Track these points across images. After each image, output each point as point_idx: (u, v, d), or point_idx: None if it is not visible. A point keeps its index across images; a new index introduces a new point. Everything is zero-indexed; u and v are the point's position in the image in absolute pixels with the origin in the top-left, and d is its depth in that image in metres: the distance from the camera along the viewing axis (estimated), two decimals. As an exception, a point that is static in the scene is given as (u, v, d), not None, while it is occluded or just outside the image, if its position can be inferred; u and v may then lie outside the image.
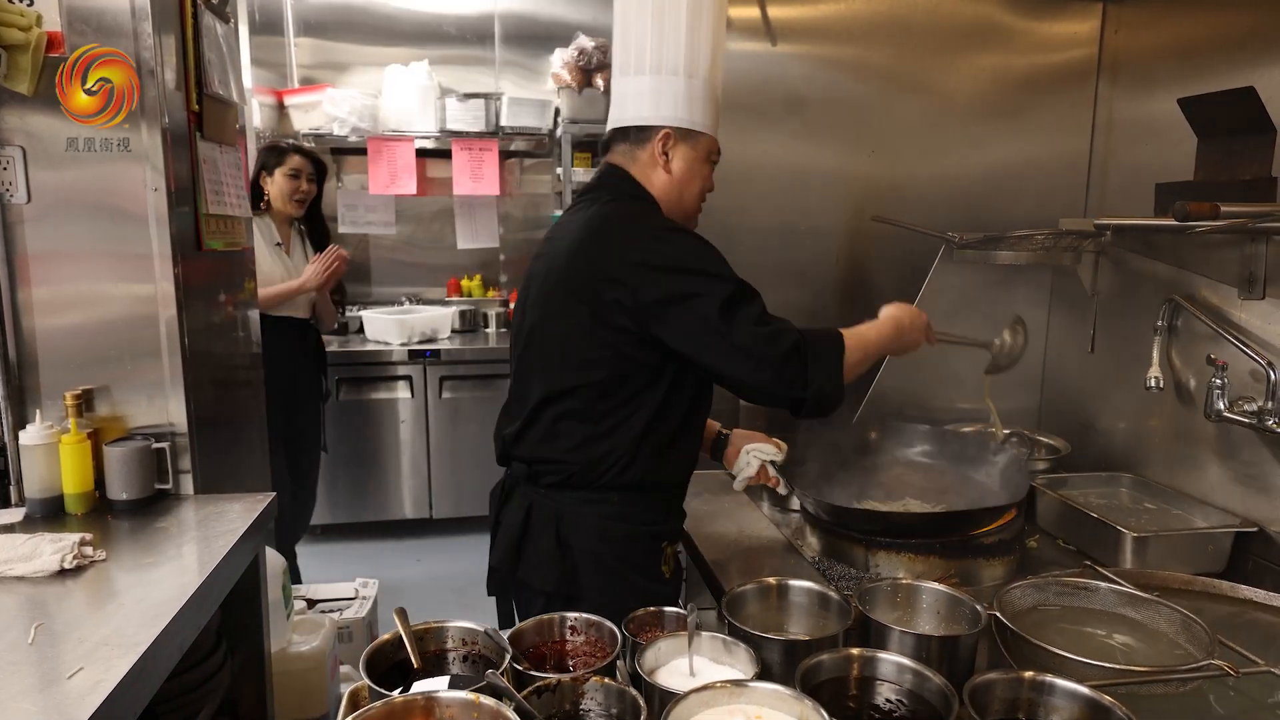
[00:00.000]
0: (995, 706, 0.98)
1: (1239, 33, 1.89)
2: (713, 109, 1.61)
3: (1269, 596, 1.40)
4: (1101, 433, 2.13)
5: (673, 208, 1.62)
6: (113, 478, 1.72)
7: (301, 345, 3.41)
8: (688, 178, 1.61)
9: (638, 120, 1.59)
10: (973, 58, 2.39)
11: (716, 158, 1.66)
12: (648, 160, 1.60)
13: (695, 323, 1.44)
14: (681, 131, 1.58)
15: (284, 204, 3.29)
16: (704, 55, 1.57)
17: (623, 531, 1.55)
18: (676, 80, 1.56)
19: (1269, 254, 1.66)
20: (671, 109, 1.57)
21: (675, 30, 1.55)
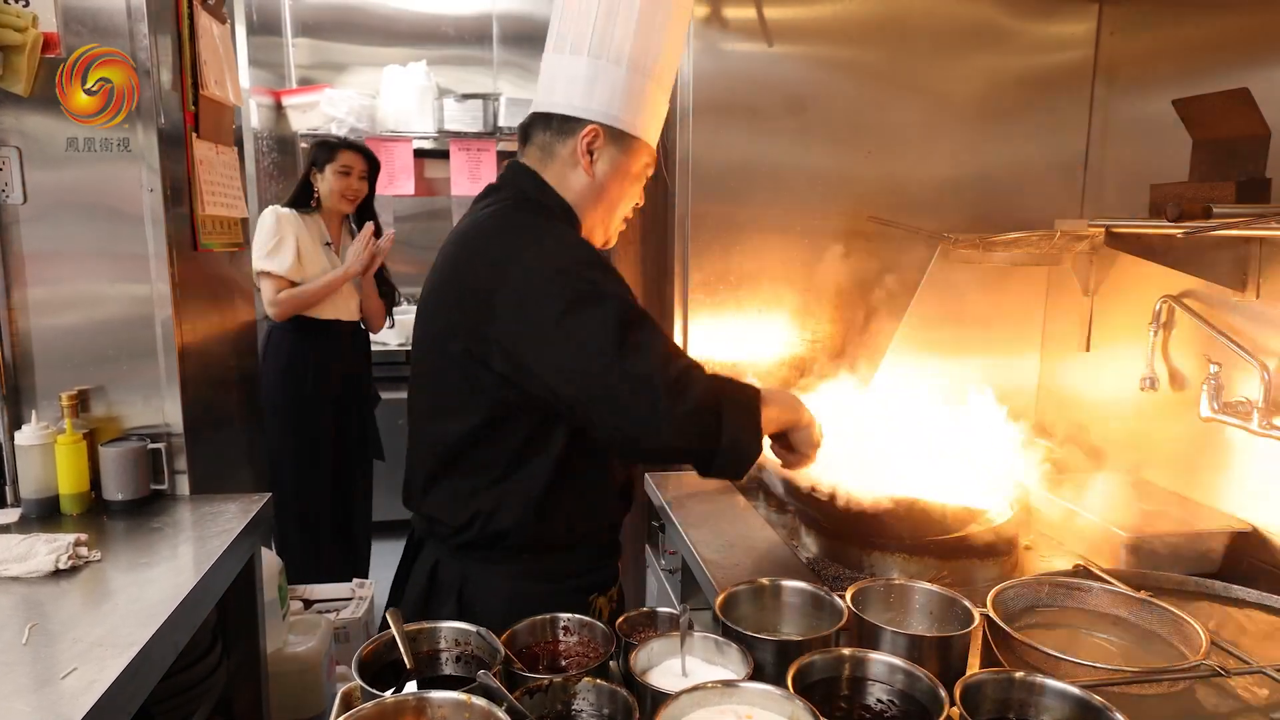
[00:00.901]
0: (986, 706, 0.98)
1: (1234, 34, 1.89)
2: (654, 114, 1.39)
3: (1262, 597, 1.40)
4: (1096, 433, 2.13)
5: (589, 216, 1.40)
6: (108, 478, 1.73)
7: (353, 350, 3.25)
8: (611, 187, 1.38)
9: (566, 108, 1.35)
10: (969, 58, 2.39)
11: (649, 173, 1.44)
12: (567, 157, 1.36)
13: (575, 349, 1.20)
14: (614, 132, 1.35)
15: (335, 202, 3.12)
16: (655, 51, 1.34)
17: (539, 591, 1.34)
18: (618, 71, 1.32)
19: (1262, 254, 1.67)
20: (606, 103, 1.33)
21: (628, 12, 1.31)
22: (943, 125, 2.40)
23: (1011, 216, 2.31)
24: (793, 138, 2.34)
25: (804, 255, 2.39)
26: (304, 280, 3.02)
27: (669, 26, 1.35)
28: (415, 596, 1.42)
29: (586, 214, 1.41)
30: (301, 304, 3.01)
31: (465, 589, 1.38)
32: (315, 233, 3.12)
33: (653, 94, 1.37)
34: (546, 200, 1.38)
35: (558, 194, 1.39)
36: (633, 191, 1.44)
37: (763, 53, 2.31)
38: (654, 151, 1.43)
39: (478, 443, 1.32)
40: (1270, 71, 1.72)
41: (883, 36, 2.35)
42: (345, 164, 3.11)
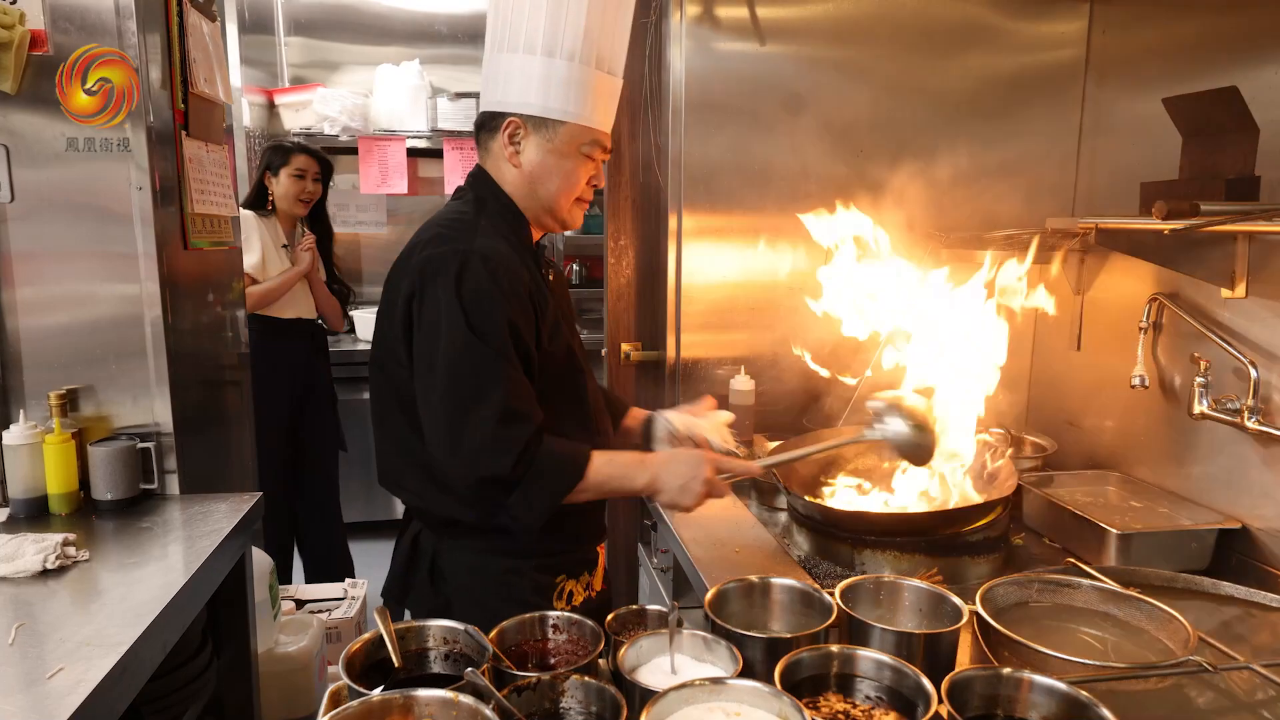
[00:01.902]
0: (974, 702, 0.98)
1: (1223, 33, 1.90)
2: (585, 94, 1.40)
3: (1250, 593, 1.41)
4: (1087, 430, 2.14)
5: (530, 206, 1.47)
6: (97, 478, 1.72)
7: (314, 347, 3.38)
8: (541, 173, 1.43)
9: (490, 105, 1.43)
10: (961, 58, 2.40)
11: (596, 151, 1.45)
12: (498, 151, 1.44)
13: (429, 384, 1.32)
14: (534, 120, 1.40)
15: (290, 204, 3.21)
16: (571, 30, 1.36)
17: (502, 566, 1.43)
18: (533, 61, 1.37)
19: (1251, 252, 1.67)
20: (519, 93, 1.39)
21: (537, 3, 1.35)
22: (935, 124, 2.40)
23: (1004, 215, 2.32)
24: (785, 136, 2.34)
25: (795, 253, 2.39)
26: (261, 280, 3.12)
27: (585, 6, 1.37)
28: (399, 567, 1.53)
29: (527, 204, 1.47)
30: (263, 300, 3.08)
31: (437, 560, 1.47)
32: (273, 234, 3.21)
33: (573, 75, 1.38)
34: (497, 201, 1.45)
35: (506, 195, 1.46)
36: (574, 173, 1.45)
37: (755, 52, 2.31)
38: (593, 131, 1.44)
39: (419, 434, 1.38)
40: (1258, 70, 1.72)
41: (875, 36, 2.35)
42: (299, 167, 3.19)
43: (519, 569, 1.44)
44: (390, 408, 1.45)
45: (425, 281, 1.34)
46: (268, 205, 3.22)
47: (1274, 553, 1.62)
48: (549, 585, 1.48)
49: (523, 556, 1.44)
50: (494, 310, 1.32)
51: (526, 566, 1.45)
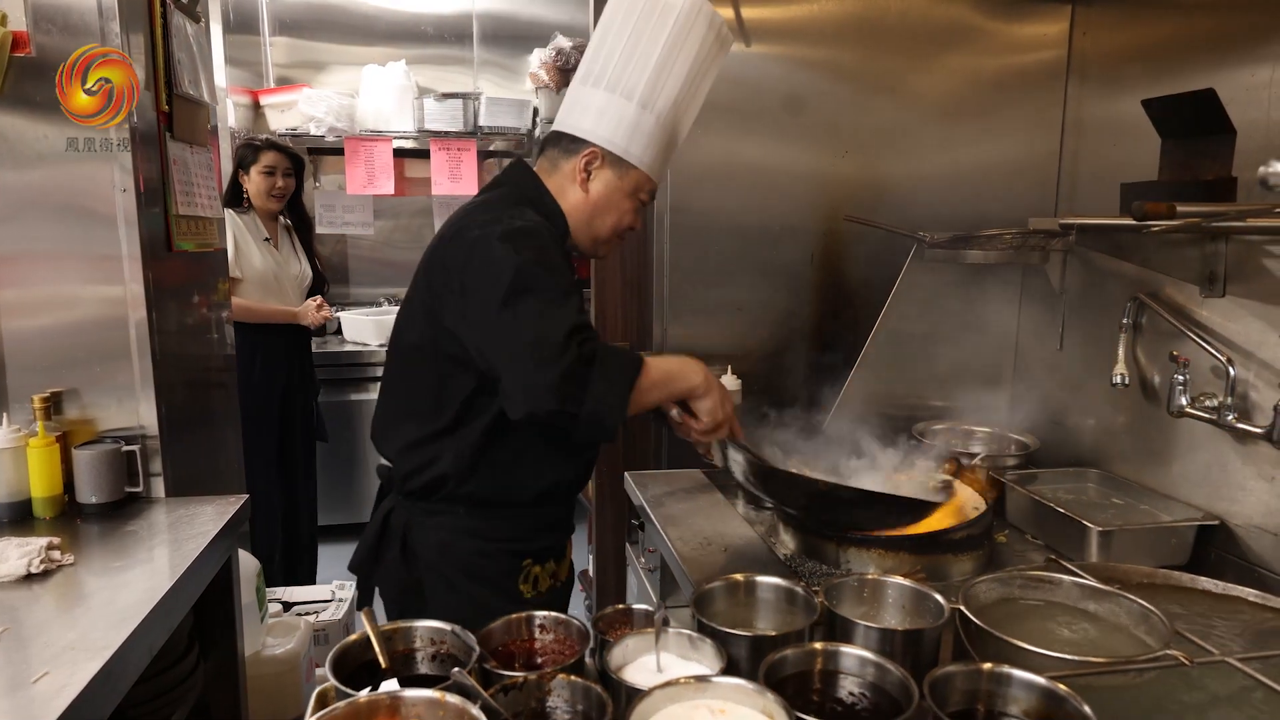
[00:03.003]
0: (955, 698, 0.99)
1: (1201, 35, 1.92)
2: (659, 149, 1.54)
3: (1227, 588, 1.43)
4: (1070, 429, 2.16)
5: (580, 230, 1.57)
6: (82, 481, 1.71)
7: (296, 342, 3.46)
8: (604, 205, 1.55)
9: (575, 130, 1.54)
10: (944, 59, 2.42)
11: (646, 198, 1.59)
12: (569, 172, 1.54)
13: (478, 303, 1.37)
14: (612, 157, 1.52)
15: (263, 201, 3.33)
16: (669, 92, 1.50)
17: (470, 546, 1.50)
18: (628, 105, 1.49)
19: (1229, 253, 1.70)
20: (611, 130, 1.51)
21: (646, 56, 1.48)
22: (919, 125, 2.42)
23: (987, 215, 2.34)
24: (770, 137, 2.35)
25: (782, 254, 2.41)
26: (242, 277, 3.20)
27: (687, 72, 1.51)
28: (369, 540, 1.59)
29: (579, 227, 1.57)
30: (244, 316, 3.15)
31: (409, 535, 1.53)
32: (254, 231, 3.31)
33: (657, 130, 1.52)
34: (540, 198, 1.54)
35: (553, 197, 1.55)
36: (625, 212, 1.58)
37: (740, 53, 2.32)
38: (653, 182, 1.57)
39: (430, 394, 1.48)
40: (1235, 72, 1.75)
41: (859, 37, 2.37)
42: (269, 164, 3.29)
43: (487, 550, 1.51)
44: (397, 374, 1.56)
45: (476, 248, 1.40)
46: (244, 203, 3.32)
47: (1251, 548, 1.65)
48: (516, 568, 1.54)
49: (491, 539, 1.51)
50: (547, 254, 1.40)
51: (494, 548, 1.51)
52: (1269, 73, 1.67)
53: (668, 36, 1.48)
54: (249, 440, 2.97)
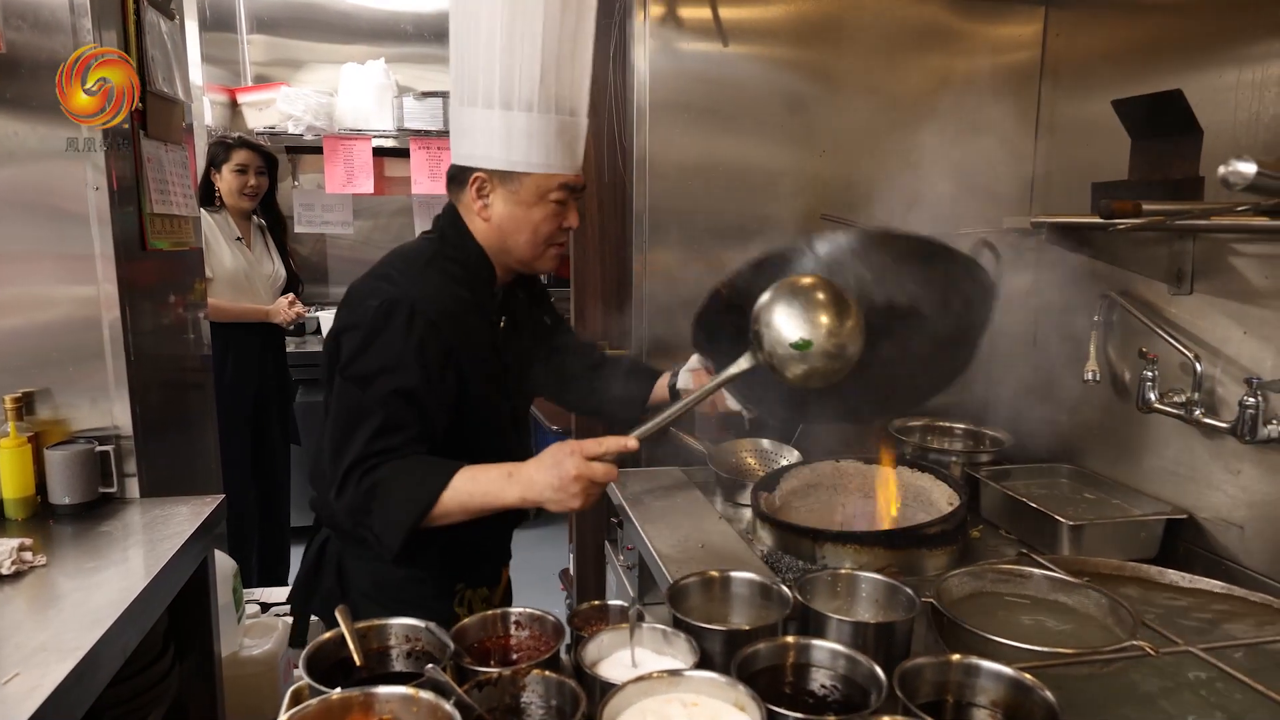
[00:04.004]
0: (925, 689, 1.01)
1: (1170, 38, 1.95)
2: (548, 141, 1.42)
3: (1194, 580, 1.45)
4: (1043, 425, 2.18)
5: (502, 256, 1.52)
6: (54, 482, 1.70)
7: (270, 342, 3.45)
8: (510, 225, 1.47)
9: (458, 159, 1.47)
10: (921, 59, 2.44)
11: (563, 195, 1.47)
12: (469, 204, 1.49)
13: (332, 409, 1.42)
14: (499, 174, 1.44)
15: (235, 199, 3.31)
16: (525, 81, 1.38)
17: (403, 575, 1.50)
18: (491, 115, 1.39)
19: (1196, 251, 1.73)
20: (485, 148, 1.42)
21: (487, 53, 1.37)
22: (895, 124, 2.44)
23: (962, 214, 2.36)
24: (748, 137, 2.36)
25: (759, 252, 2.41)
26: (213, 276, 3.18)
27: (539, 55, 1.37)
28: (306, 571, 1.62)
29: (497, 255, 1.52)
30: (215, 315, 3.13)
31: (343, 566, 1.54)
32: (225, 230, 3.29)
33: (536, 125, 1.40)
34: (462, 244, 1.51)
35: (474, 239, 1.51)
36: (541, 221, 1.47)
37: (718, 53, 2.33)
38: (558, 177, 1.45)
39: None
40: (1204, 74, 1.78)
41: (836, 37, 2.38)
42: (240, 162, 3.28)
43: (418, 577, 1.51)
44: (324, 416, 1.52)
45: (354, 325, 1.41)
46: (215, 201, 3.30)
47: (1218, 541, 1.68)
48: (449, 592, 1.56)
49: (424, 567, 1.51)
50: (393, 358, 1.37)
51: (426, 575, 1.52)
52: (1235, 74, 1.70)
53: (500, 24, 1.35)
54: (223, 441, 2.96)
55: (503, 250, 1.51)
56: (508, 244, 1.50)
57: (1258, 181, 1.10)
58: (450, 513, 1.36)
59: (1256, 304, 1.61)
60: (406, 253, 1.53)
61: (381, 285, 1.44)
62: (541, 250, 1.52)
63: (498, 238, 1.49)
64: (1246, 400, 1.52)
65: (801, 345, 1.24)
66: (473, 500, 1.36)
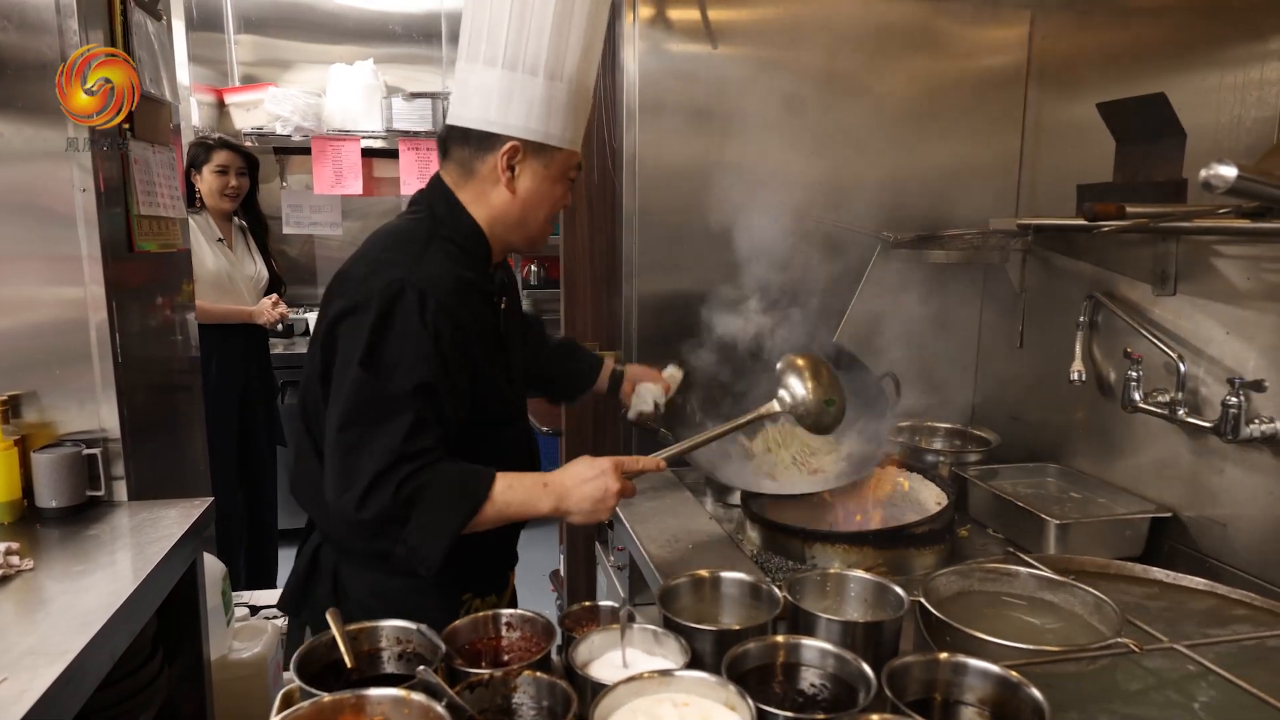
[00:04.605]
0: (913, 687, 1.02)
1: (1155, 42, 1.97)
2: (575, 119, 1.38)
3: (1177, 578, 1.47)
4: (1030, 425, 2.21)
5: (510, 231, 1.43)
6: (41, 485, 1.69)
7: (253, 343, 3.44)
8: (535, 199, 1.39)
9: (483, 124, 1.34)
10: (908, 62, 2.45)
11: (575, 174, 1.44)
12: (488, 175, 1.37)
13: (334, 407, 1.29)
14: (534, 145, 1.35)
15: (216, 200, 3.30)
16: (572, 54, 1.32)
17: (404, 586, 1.38)
18: (535, 82, 1.31)
19: (1179, 252, 1.75)
20: (524, 116, 1.32)
21: (540, 19, 1.29)
22: (883, 127, 2.46)
23: (950, 216, 2.38)
24: (736, 138, 2.37)
25: (748, 254, 2.42)
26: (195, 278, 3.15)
27: (585, 28, 1.34)
28: (297, 579, 1.52)
29: (503, 229, 1.42)
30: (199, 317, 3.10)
31: (339, 574, 1.46)
32: (206, 231, 3.27)
33: (571, 99, 1.36)
34: (456, 222, 1.39)
35: (469, 215, 1.40)
36: (558, 198, 1.43)
37: (707, 54, 2.34)
38: (578, 154, 1.42)
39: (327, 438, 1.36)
40: (1186, 78, 1.80)
41: (824, 40, 2.39)
42: (221, 163, 3.26)
43: (422, 588, 1.39)
44: (304, 424, 1.46)
45: (356, 309, 1.30)
46: (196, 203, 3.28)
47: (1202, 539, 1.70)
48: (455, 603, 1.47)
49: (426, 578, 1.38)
50: (412, 348, 1.27)
51: (429, 586, 1.39)
52: (1218, 78, 1.72)
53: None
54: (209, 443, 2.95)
55: (516, 225, 1.42)
56: (526, 219, 1.41)
57: (1238, 185, 1.11)
58: (487, 522, 1.30)
59: (1239, 305, 1.63)
60: (398, 232, 1.41)
61: (381, 265, 1.33)
62: (549, 228, 1.47)
63: (519, 213, 1.40)
64: (1229, 400, 1.54)
65: (829, 403, 1.66)
66: (510, 509, 1.31)
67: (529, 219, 1.42)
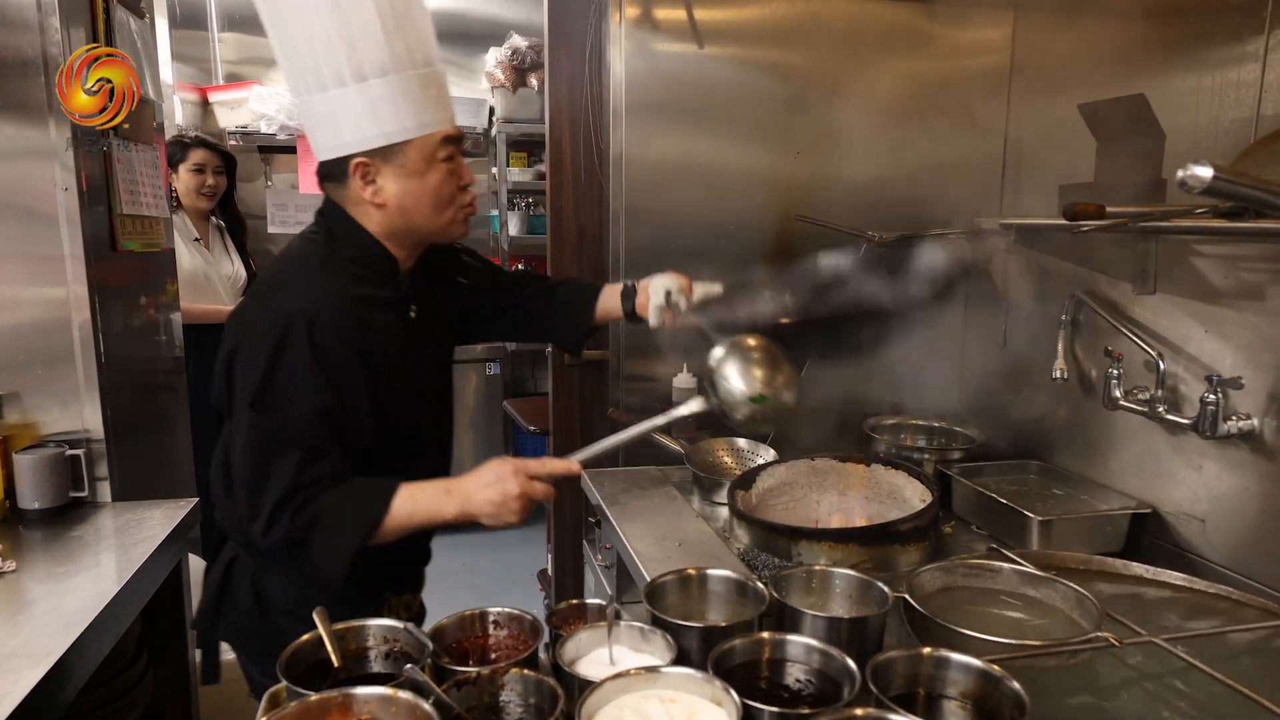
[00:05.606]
0: (897, 682, 1.03)
1: (1135, 43, 1.99)
2: (410, 103, 1.31)
3: (1157, 573, 1.49)
4: (1013, 422, 2.22)
5: (408, 236, 1.41)
6: (23, 486, 1.68)
7: None
8: (410, 199, 1.35)
9: (332, 151, 1.34)
10: (893, 62, 2.47)
11: (450, 150, 1.37)
12: (356, 197, 1.36)
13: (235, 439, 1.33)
14: (378, 152, 1.32)
15: (193, 199, 3.27)
16: (375, 46, 1.27)
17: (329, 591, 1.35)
18: (346, 93, 1.28)
19: (1159, 252, 1.77)
20: (355, 129, 1.30)
21: (325, 33, 1.27)
22: (868, 127, 2.47)
23: (934, 215, 2.40)
24: (723, 138, 2.38)
25: (735, 254, 2.44)
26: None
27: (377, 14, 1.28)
28: (210, 596, 1.48)
29: (400, 236, 1.41)
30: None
31: (260, 584, 1.45)
32: (183, 231, 3.23)
33: (397, 87, 1.30)
34: (358, 239, 1.39)
35: (365, 232, 1.39)
36: (438, 184, 1.37)
37: (694, 54, 2.35)
38: (439, 133, 1.35)
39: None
40: (1166, 78, 1.82)
41: (810, 40, 2.41)
42: (198, 162, 3.25)
43: (347, 594, 1.36)
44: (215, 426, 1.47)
45: (243, 345, 1.33)
46: (173, 202, 3.25)
47: (1181, 534, 1.72)
48: (378, 604, 1.50)
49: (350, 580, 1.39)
50: (303, 380, 1.29)
51: (354, 589, 1.37)
52: (1197, 79, 1.74)
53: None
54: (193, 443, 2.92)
55: (406, 230, 1.40)
56: (412, 220, 1.38)
57: (1215, 185, 1.13)
58: (391, 533, 1.33)
59: (1217, 303, 1.65)
60: (292, 256, 1.42)
61: (272, 297, 1.36)
62: (450, 214, 1.41)
63: (402, 219, 1.37)
64: (1207, 397, 1.57)
65: (758, 400, 1.45)
66: (413, 519, 1.33)
67: (417, 219, 1.39)
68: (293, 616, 1.34)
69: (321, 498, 1.30)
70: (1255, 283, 1.58)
